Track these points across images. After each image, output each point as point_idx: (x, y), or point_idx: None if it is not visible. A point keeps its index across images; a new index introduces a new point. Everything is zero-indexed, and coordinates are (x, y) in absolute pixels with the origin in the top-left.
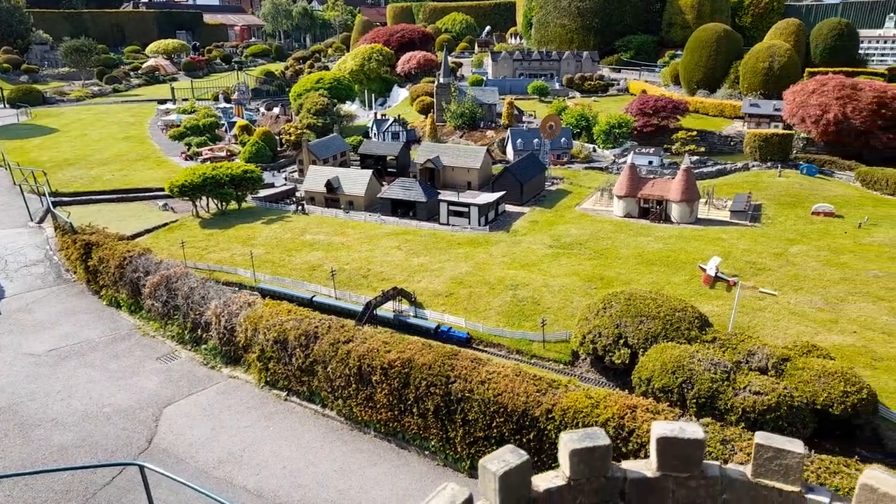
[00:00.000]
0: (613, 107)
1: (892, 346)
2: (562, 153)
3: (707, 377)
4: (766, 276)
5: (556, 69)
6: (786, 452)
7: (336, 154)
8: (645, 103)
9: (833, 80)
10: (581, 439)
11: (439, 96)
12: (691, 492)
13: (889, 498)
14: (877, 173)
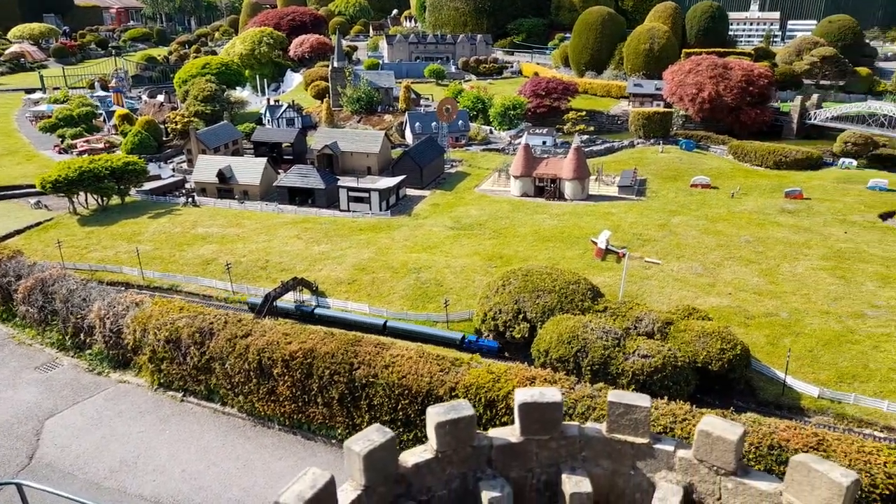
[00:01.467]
0: (508, 89)
1: (762, 304)
2: (460, 136)
3: (599, 345)
4: (651, 247)
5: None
6: (634, 407)
7: (227, 142)
8: (537, 85)
9: (706, 60)
10: (446, 412)
11: (334, 81)
12: (553, 452)
13: (722, 440)
14: (747, 147)
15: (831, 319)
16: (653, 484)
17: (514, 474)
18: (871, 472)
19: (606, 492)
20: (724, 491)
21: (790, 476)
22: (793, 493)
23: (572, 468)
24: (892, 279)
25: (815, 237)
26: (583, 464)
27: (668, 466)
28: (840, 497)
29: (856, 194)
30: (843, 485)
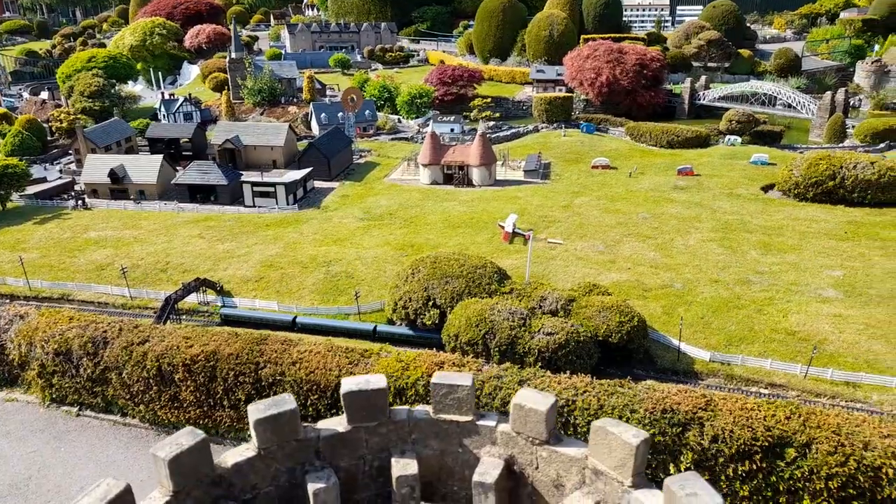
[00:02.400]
0: (415, 77)
1: (658, 277)
2: (367, 125)
3: (506, 326)
4: (556, 228)
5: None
6: (457, 387)
7: (119, 140)
8: (443, 73)
9: (603, 46)
10: (266, 408)
11: (233, 72)
12: (383, 438)
13: (534, 412)
14: (642, 128)
15: (720, 287)
16: (479, 459)
17: (344, 463)
18: (753, 426)
19: (437, 470)
20: (540, 460)
21: (592, 440)
22: (596, 456)
23: (402, 451)
24: (773, 247)
25: (705, 211)
26: (413, 446)
27: (492, 441)
28: (632, 456)
29: (740, 169)
30: (632, 444)
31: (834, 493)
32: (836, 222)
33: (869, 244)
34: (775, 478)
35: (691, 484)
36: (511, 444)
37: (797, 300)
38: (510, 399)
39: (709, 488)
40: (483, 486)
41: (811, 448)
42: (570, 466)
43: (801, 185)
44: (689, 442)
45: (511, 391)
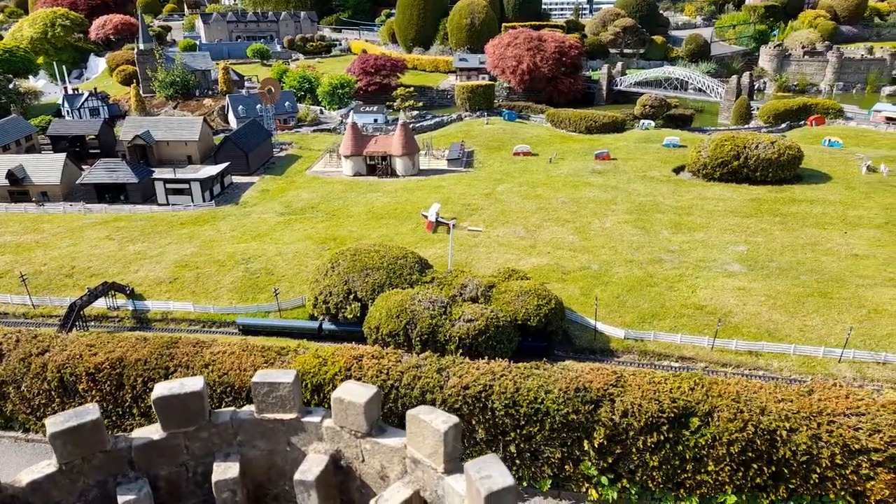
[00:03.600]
0: (338, 67)
1: (577, 260)
2: (288, 117)
3: (427, 315)
4: (479, 215)
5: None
6: (278, 385)
7: (18, 139)
8: (366, 62)
9: (523, 34)
10: (65, 420)
11: (142, 64)
12: (206, 442)
13: (353, 405)
14: (562, 114)
15: (634, 267)
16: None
17: (164, 472)
18: (660, 399)
19: (267, 471)
20: (364, 453)
21: (409, 429)
22: (413, 445)
23: (227, 455)
24: (683, 226)
25: (621, 194)
26: (239, 448)
27: (318, 437)
28: (441, 443)
29: (654, 152)
30: (440, 431)
31: (735, 457)
32: (741, 200)
33: (770, 220)
34: (682, 447)
35: (487, 467)
36: (337, 438)
37: (705, 276)
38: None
39: (503, 470)
40: (304, 484)
41: (713, 416)
42: (392, 457)
43: (709, 165)
44: (601, 418)
45: (430, 380)
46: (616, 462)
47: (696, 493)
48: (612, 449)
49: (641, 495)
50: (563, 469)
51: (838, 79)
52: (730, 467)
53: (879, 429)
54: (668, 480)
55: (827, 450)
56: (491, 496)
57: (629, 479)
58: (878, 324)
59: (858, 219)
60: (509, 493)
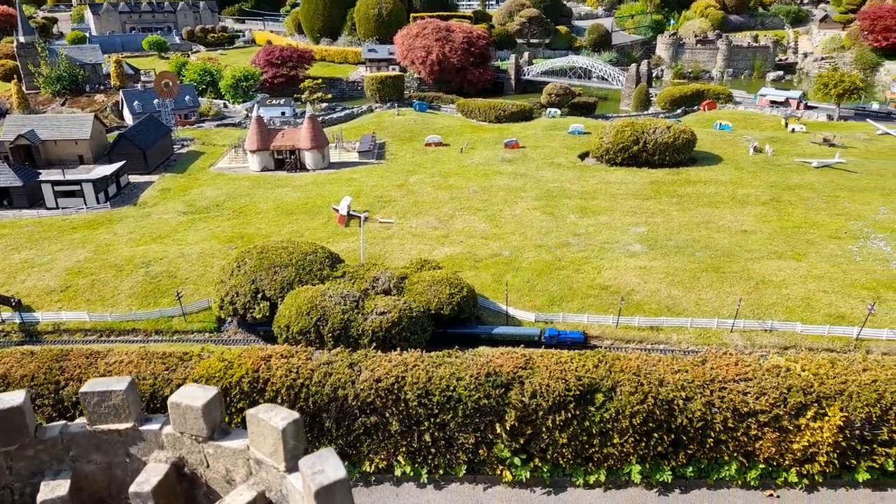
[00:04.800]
0: (242, 59)
1: (489, 247)
2: (189, 112)
3: (338, 310)
4: (392, 207)
5: (173, 22)
6: (109, 393)
7: None
8: (271, 54)
9: (431, 24)
10: None
11: (23, 59)
12: (33, 460)
13: (190, 409)
14: (471, 104)
15: (543, 251)
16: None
17: None
18: (566, 378)
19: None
20: (208, 457)
21: (249, 429)
22: (255, 445)
23: (57, 472)
24: (589, 210)
25: (530, 181)
26: (73, 464)
27: (159, 445)
28: (280, 440)
29: (560, 139)
30: (279, 428)
31: (637, 428)
32: (641, 183)
33: (668, 201)
34: (588, 422)
35: (321, 461)
36: (178, 445)
37: (609, 257)
38: (340, 384)
39: (337, 463)
40: (140, 496)
41: (616, 391)
42: (236, 459)
43: (611, 151)
44: (512, 401)
45: (342, 376)
46: (528, 442)
47: (603, 465)
48: (524, 430)
49: (553, 472)
50: (478, 454)
51: (728, 66)
52: (633, 438)
53: (765, 391)
54: (577, 456)
55: (720, 415)
56: (321, 490)
57: (541, 457)
58: (764, 294)
59: (746, 197)
60: (341, 486)
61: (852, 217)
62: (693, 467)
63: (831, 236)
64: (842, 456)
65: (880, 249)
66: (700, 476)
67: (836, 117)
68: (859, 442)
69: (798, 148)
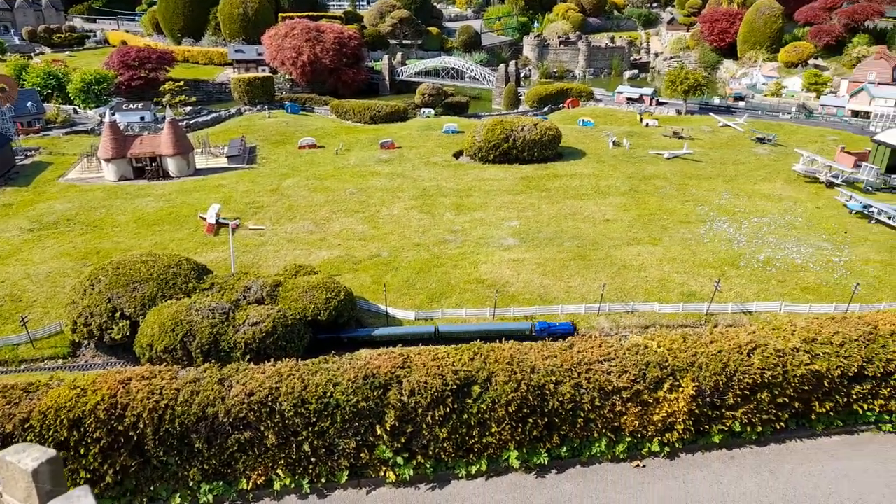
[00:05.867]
0: (94, 61)
1: (367, 249)
2: (33, 119)
3: (207, 324)
4: (265, 213)
5: (10, 20)
6: None
7: None
8: (127, 55)
9: (301, 24)
10: None
11: None
12: None
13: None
14: (345, 105)
15: (422, 250)
16: None
17: None
18: (443, 373)
19: None
20: None
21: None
22: (8, 493)
23: None
24: (465, 207)
25: (407, 181)
26: None
27: None
28: (31, 485)
29: (435, 139)
30: (28, 471)
31: (513, 415)
32: (513, 179)
33: (538, 195)
34: (466, 415)
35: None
36: None
37: (485, 252)
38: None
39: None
40: None
41: (491, 381)
42: None
43: (484, 149)
44: (391, 401)
45: (210, 392)
46: (409, 441)
47: (483, 455)
48: (404, 429)
49: (436, 468)
50: (360, 457)
51: (589, 65)
52: (510, 426)
53: (626, 369)
54: (458, 448)
55: (587, 395)
56: None
57: (423, 454)
58: (625, 278)
59: (608, 188)
60: None
61: (700, 202)
62: (567, 447)
63: (682, 221)
64: (696, 423)
65: (724, 231)
66: (574, 455)
67: (684, 112)
68: (710, 408)
69: (652, 141)
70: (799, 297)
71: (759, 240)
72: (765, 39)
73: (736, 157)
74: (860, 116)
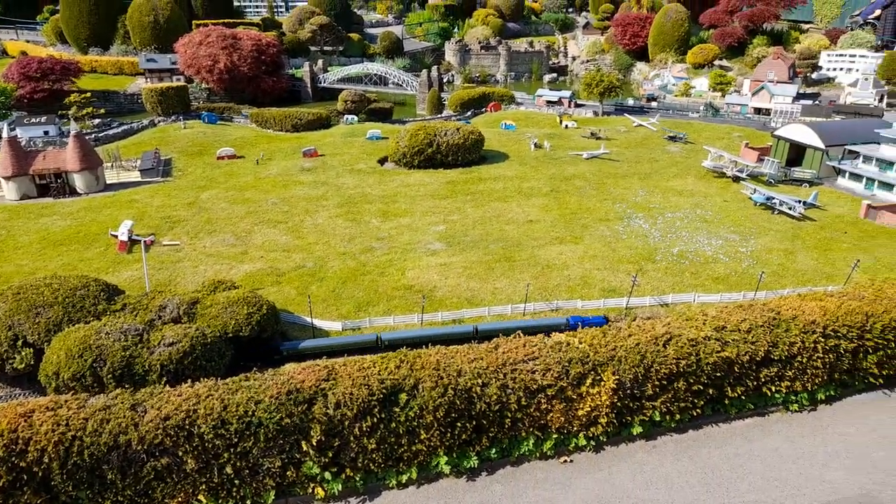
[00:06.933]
0: None
1: (292, 260)
2: None
3: (118, 347)
4: (182, 227)
5: None
6: None
7: None
8: (27, 66)
9: (216, 32)
10: None
11: None
12: None
13: None
14: (266, 113)
15: (348, 258)
16: None
17: None
18: (369, 383)
19: None
20: None
21: None
22: None
23: None
24: (391, 213)
25: (331, 189)
26: None
27: None
28: None
29: (359, 145)
30: None
31: (442, 421)
32: (438, 184)
33: (463, 199)
34: (395, 423)
35: None
36: None
37: (412, 257)
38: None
39: None
40: None
41: (419, 388)
42: None
43: (408, 154)
44: (316, 415)
45: (122, 420)
46: (337, 454)
47: (414, 463)
48: (331, 443)
49: (366, 480)
50: (286, 476)
51: (510, 69)
52: (439, 431)
53: (550, 367)
54: (387, 458)
55: (514, 395)
56: None
57: (352, 467)
58: (549, 277)
59: (531, 189)
60: None
61: (618, 200)
62: (496, 448)
63: (601, 219)
64: (619, 415)
65: (641, 227)
66: (503, 456)
67: (601, 113)
68: (631, 400)
69: (571, 142)
70: (711, 288)
71: (673, 234)
72: (673, 42)
73: (650, 155)
74: (762, 113)
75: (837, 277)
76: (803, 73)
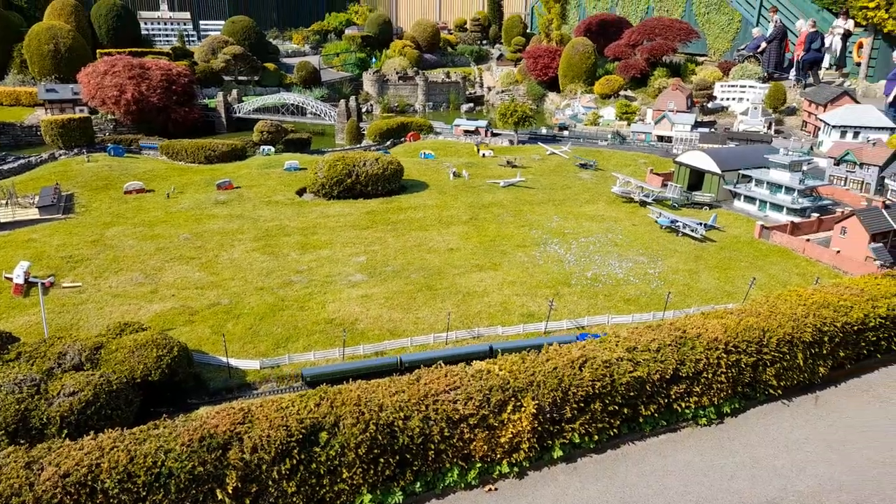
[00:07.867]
0: None
1: (206, 297)
2: None
3: (12, 400)
4: (86, 267)
5: None
6: None
7: None
8: None
9: (122, 61)
10: None
11: None
12: None
13: None
14: (176, 145)
15: (266, 294)
16: None
17: None
18: (288, 424)
19: None
20: None
21: None
22: None
23: None
24: (310, 245)
25: (247, 222)
26: None
27: None
28: None
29: (276, 177)
30: None
31: (364, 458)
32: (358, 214)
33: (384, 229)
34: (315, 464)
35: None
36: None
37: (332, 290)
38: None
39: None
40: None
41: (339, 426)
42: None
43: (327, 185)
44: (231, 461)
45: (15, 481)
46: (255, 501)
47: (336, 502)
48: (249, 489)
49: None
50: None
51: (428, 99)
52: (361, 469)
53: (471, 396)
54: (309, 501)
55: (436, 426)
56: None
57: None
58: (470, 304)
59: (451, 218)
60: None
61: (534, 227)
62: (420, 482)
63: (519, 245)
64: (540, 440)
65: (556, 252)
66: (428, 489)
67: (516, 142)
68: (551, 424)
69: (488, 171)
70: (623, 309)
71: (587, 258)
72: (581, 73)
73: (563, 182)
74: (664, 141)
75: (737, 295)
76: (700, 103)
